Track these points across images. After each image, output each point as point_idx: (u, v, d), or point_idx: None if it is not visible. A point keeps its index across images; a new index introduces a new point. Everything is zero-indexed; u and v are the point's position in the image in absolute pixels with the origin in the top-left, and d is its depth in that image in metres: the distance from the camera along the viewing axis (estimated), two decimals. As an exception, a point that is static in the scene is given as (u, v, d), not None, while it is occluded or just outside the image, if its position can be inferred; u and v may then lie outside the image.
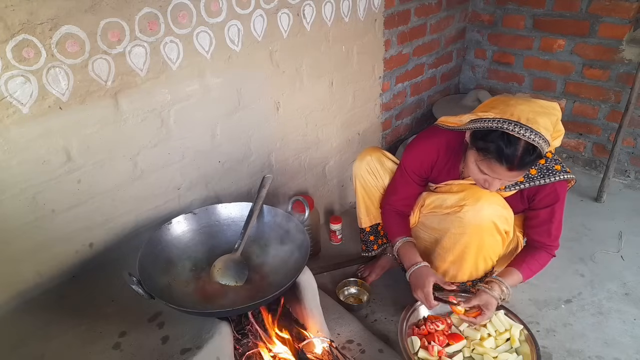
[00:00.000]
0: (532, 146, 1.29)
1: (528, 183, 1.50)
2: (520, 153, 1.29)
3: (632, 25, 2.33)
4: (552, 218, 1.54)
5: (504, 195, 1.56)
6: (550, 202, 1.52)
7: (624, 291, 1.91)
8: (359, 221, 1.92)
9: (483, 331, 1.57)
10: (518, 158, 1.30)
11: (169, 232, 1.47)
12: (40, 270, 1.36)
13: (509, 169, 1.32)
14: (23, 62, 1.14)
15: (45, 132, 1.24)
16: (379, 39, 2.18)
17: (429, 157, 1.62)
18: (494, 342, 1.55)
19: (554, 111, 1.39)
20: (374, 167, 1.77)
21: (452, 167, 1.61)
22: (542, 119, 1.31)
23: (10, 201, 1.24)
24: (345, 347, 1.57)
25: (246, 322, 1.40)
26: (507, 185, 1.52)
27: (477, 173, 1.41)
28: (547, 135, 1.30)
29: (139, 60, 1.36)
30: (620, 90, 2.46)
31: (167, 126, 1.51)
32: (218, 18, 1.51)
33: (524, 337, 1.56)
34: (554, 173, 1.48)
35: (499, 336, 1.57)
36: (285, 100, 1.87)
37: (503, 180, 1.39)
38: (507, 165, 1.31)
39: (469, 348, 1.55)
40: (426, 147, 1.63)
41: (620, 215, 2.35)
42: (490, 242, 1.58)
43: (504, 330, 1.58)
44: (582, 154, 2.74)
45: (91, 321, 1.29)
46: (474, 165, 1.40)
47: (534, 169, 1.50)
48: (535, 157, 1.32)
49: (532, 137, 1.28)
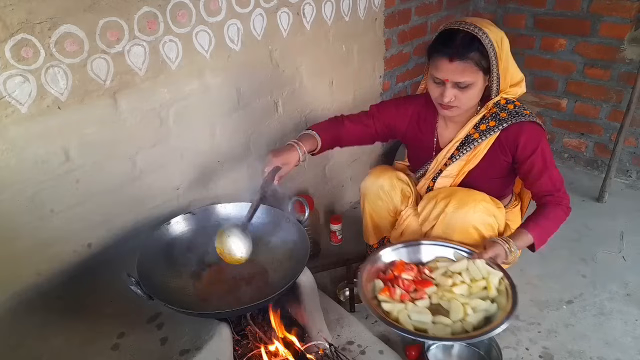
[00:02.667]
0: (472, 36, 1.35)
1: (501, 125, 1.48)
2: (459, 41, 1.35)
3: (633, 24, 2.32)
4: (545, 163, 1.48)
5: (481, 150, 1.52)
6: (534, 146, 1.47)
7: (625, 292, 1.90)
8: (365, 238, 1.91)
9: (456, 278, 1.41)
10: (456, 46, 1.35)
11: (168, 233, 1.46)
12: (38, 270, 1.36)
13: (450, 60, 1.35)
14: (22, 61, 1.14)
15: (44, 131, 1.24)
16: (379, 38, 2.18)
17: (406, 109, 1.66)
18: (466, 290, 1.39)
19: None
20: (384, 193, 1.70)
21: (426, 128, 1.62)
22: (489, 26, 1.39)
23: (8, 201, 1.24)
24: (346, 349, 1.56)
25: (246, 323, 1.39)
26: (481, 133, 1.50)
27: (433, 88, 1.45)
28: (492, 36, 1.35)
29: (138, 60, 1.35)
30: (621, 89, 2.45)
31: (166, 126, 1.50)
32: (217, 17, 1.50)
33: (503, 288, 1.38)
34: (524, 115, 1.47)
35: (474, 284, 1.39)
36: (285, 100, 1.86)
37: (456, 90, 1.39)
38: (447, 56, 1.35)
39: (438, 295, 1.38)
40: (405, 100, 1.73)
41: (621, 216, 2.34)
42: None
43: (480, 278, 1.40)
44: (584, 153, 2.73)
45: (90, 322, 1.28)
46: (430, 81, 1.45)
47: (504, 113, 1.47)
48: (476, 49, 1.35)
49: (472, 28, 1.35)
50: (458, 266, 1.44)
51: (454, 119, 1.56)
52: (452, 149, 1.57)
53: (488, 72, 1.42)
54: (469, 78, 1.38)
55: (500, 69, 1.41)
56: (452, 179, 1.60)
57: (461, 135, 1.55)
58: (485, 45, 1.35)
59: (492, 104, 1.49)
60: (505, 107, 1.49)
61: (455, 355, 1.62)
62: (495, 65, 1.39)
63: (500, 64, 1.40)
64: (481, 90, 1.45)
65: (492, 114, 1.50)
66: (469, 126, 1.53)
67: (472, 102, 1.47)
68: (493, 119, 1.49)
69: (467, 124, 1.53)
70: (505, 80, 1.45)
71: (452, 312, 1.32)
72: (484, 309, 1.33)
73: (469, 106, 1.47)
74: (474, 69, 1.38)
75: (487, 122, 1.50)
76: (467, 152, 1.55)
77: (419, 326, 1.30)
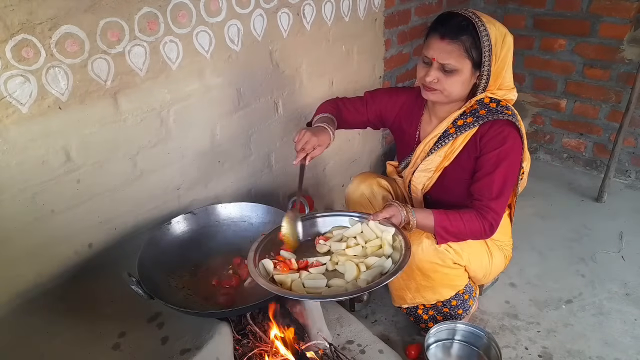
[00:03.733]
0: (469, 22, 1.34)
1: (477, 122, 1.42)
2: (454, 22, 1.34)
3: (632, 25, 2.33)
4: (496, 169, 1.38)
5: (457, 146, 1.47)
6: (497, 145, 1.39)
7: (624, 291, 1.90)
8: None
9: (350, 242, 1.37)
10: (449, 26, 1.34)
11: (169, 233, 1.47)
12: (39, 270, 1.36)
13: (441, 38, 1.34)
14: (22, 61, 1.14)
15: (44, 132, 1.24)
16: (379, 39, 2.18)
17: (397, 98, 1.65)
18: (361, 251, 1.33)
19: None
20: (365, 201, 1.70)
21: (412, 120, 1.61)
22: (493, 21, 1.37)
23: (9, 201, 1.24)
24: (345, 348, 1.56)
25: (246, 323, 1.40)
26: (457, 128, 1.45)
27: (420, 69, 1.43)
28: (491, 30, 1.34)
29: (138, 60, 1.36)
30: (621, 90, 2.45)
31: (167, 126, 1.51)
32: (218, 17, 1.51)
33: (398, 244, 1.31)
34: (503, 114, 1.40)
35: (369, 244, 1.34)
36: (285, 100, 1.86)
37: (440, 73, 1.36)
38: (439, 34, 1.34)
39: (333, 261, 1.32)
40: (398, 90, 1.72)
41: (621, 216, 2.35)
42: (440, 277, 1.53)
43: (374, 237, 1.35)
44: (583, 154, 2.73)
45: (91, 321, 1.29)
46: (420, 61, 1.44)
47: (484, 110, 1.41)
48: (469, 33, 1.33)
49: (472, 16, 1.34)
50: (352, 231, 1.39)
51: (437, 113, 1.53)
52: (431, 143, 1.53)
53: (478, 67, 1.37)
54: (455, 62, 1.34)
55: (493, 69, 1.37)
56: (430, 174, 1.55)
57: (439, 129, 1.50)
58: (479, 35, 1.33)
59: (474, 100, 1.44)
60: (487, 105, 1.43)
61: (455, 354, 1.62)
62: (488, 61, 1.35)
63: (495, 62, 1.36)
64: (467, 83, 1.40)
65: (471, 111, 1.44)
66: (448, 121, 1.48)
67: (455, 91, 1.40)
68: (472, 115, 1.44)
69: (447, 118, 1.49)
70: (495, 82, 1.41)
71: (347, 272, 1.26)
72: (379, 265, 1.26)
73: (452, 94, 1.41)
74: (462, 55, 1.34)
75: (464, 117, 1.45)
76: (442, 146, 1.49)
77: (313, 292, 1.23)
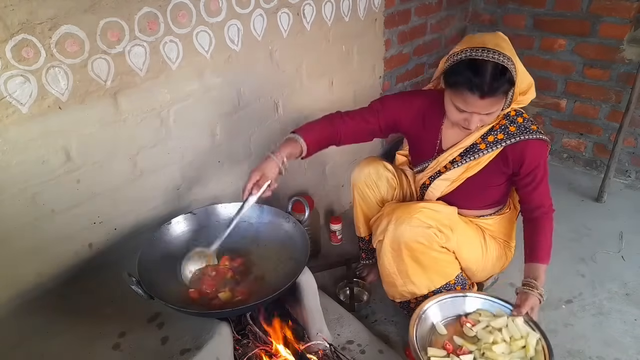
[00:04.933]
0: (501, 68, 1.29)
1: (509, 140, 1.46)
2: (489, 77, 1.28)
3: (632, 25, 2.32)
4: (543, 177, 1.50)
5: (484, 160, 1.51)
6: (537, 163, 1.48)
7: (624, 291, 1.90)
8: (357, 230, 1.90)
9: (496, 335, 1.47)
10: (488, 83, 1.28)
11: (169, 233, 1.46)
12: (39, 270, 1.36)
13: (481, 97, 1.30)
14: (22, 61, 1.14)
15: (44, 132, 1.24)
16: (379, 39, 2.18)
17: (411, 103, 1.61)
18: (506, 348, 1.45)
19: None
20: (371, 181, 1.73)
21: (431, 126, 1.59)
22: (507, 45, 1.34)
23: (9, 201, 1.24)
24: (345, 348, 1.56)
25: (246, 323, 1.40)
26: (488, 144, 1.50)
27: (455, 113, 1.40)
28: (514, 59, 1.31)
29: (138, 60, 1.36)
30: (621, 90, 2.45)
31: (167, 126, 1.51)
32: (218, 17, 1.51)
33: (540, 348, 1.44)
34: (532, 132, 1.46)
35: (513, 342, 1.46)
36: (285, 100, 1.86)
37: (481, 116, 1.36)
38: (479, 93, 1.29)
39: (479, 350, 1.45)
40: (410, 95, 1.70)
41: (621, 216, 2.34)
42: (429, 261, 1.53)
43: (519, 337, 1.47)
44: (583, 154, 2.73)
45: (91, 321, 1.29)
46: (450, 105, 1.39)
47: (513, 127, 1.47)
48: (506, 81, 1.31)
49: (500, 58, 1.29)
50: (498, 322, 1.50)
51: None
52: (455, 154, 1.55)
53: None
54: (498, 107, 1.37)
55: (517, 81, 1.37)
56: (450, 182, 1.59)
57: (467, 142, 1.52)
58: (512, 73, 1.31)
59: (502, 115, 1.47)
60: (514, 119, 1.47)
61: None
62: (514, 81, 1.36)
63: (517, 77, 1.36)
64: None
65: (500, 126, 1.48)
66: (477, 135, 1.50)
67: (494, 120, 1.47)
68: (502, 131, 1.48)
69: (475, 132, 1.49)
70: (519, 89, 1.41)
71: None
72: None
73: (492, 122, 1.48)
74: (503, 98, 1.36)
75: (495, 134, 1.49)
76: (470, 160, 1.53)
77: None
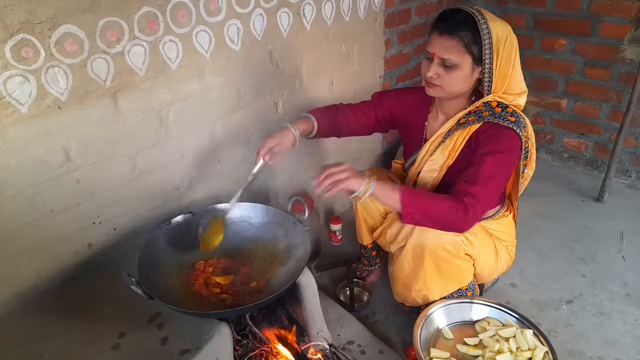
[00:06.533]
0: (468, 17, 1.33)
1: (477, 121, 1.42)
2: (454, 17, 1.34)
3: (633, 24, 2.32)
4: (483, 161, 1.35)
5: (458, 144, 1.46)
6: (491, 142, 1.38)
7: (625, 292, 1.90)
8: (359, 238, 1.89)
9: (503, 344, 1.48)
10: (449, 22, 1.34)
11: (169, 233, 1.46)
12: (39, 270, 1.36)
13: (440, 34, 1.35)
14: (22, 61, 1.14)
15: (44, 132, 1.24)
16: (379, 38, 2.18)
17: (405, 97, 1.66)
18: (511, 359, 1.45)
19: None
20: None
21: (419, 117, 1.62)
22: (502, 27, 1.36)
23: (8, 201, 1.24)
24: (346, 348, 1.56)
25: (245, 323, 1.39)
26: (459, 125, 1.46)
27: (423, 65, 1.44)
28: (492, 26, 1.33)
29: (138, 60, 1.35)
30: (621, 89, 2.45)
31: (167, 126, 1.50)
32: (217, 17, 1.50)
33: None
34: (506, 120, 1.38)
35: (520, 354, 1.46)
36: (285, 100, 1.86)
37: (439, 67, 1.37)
38: (439, 29, 1.35)
39: (483, 357, 1.47)
40: (406, 89, 1.76)
41: (621, 216, 2.34)
42: (450, 269, 1.52)
43: (526, 348, 1.47)
44: (584, 153, 2.73)
45: (90, 322, 1.28)
46: (423, 58, 1.45)
47: (488, 112, 1.40)
48: (469, 29, 1.33)
49: (472, 11, 1.34)
50: (507, 332, 1.51)
51: (443, 109, 1.54)
52: (436, 142, 1.54)
53: (480, 63, 1.37)
54: (454, 57, 1.34)
55: (496, 67, 1.36)
56: (436, 174, 1.55)
57: (444, 128, 1.51)
58: (479, 30, 1.32)
59: (481, 102, 1.44)
60: (492, 108, 1.42)
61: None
62: (489, 57, 1.35)
63: (497, 61, 1.35)
64: (468, 79, 1.40)
65: (476, 111, 1.45)
66: (453, 120, 1.49)
67: (456, 86, 1.41)
68: (475, 115, 1.44)
69: (453, 117, 1.49)
70: (502, 83, 1.40)
71: None
72: None
73: (452, 90, 1.42)
74: (461, 49, 1.34)
75: (468, 116, 1.46)
76: (444, 143, 1.50)
77: None
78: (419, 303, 1.61)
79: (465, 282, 1.60)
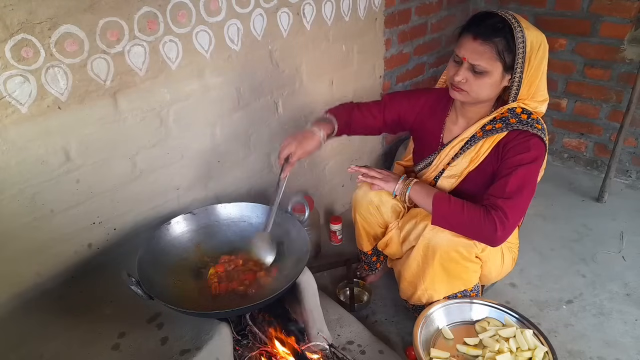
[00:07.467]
0: (505, 24, 1.30)
1: (506, 129, 1.39)
2: (489, 22, 1.30)
3: (633, 24, 2.32)
4: (513, 172, 1.34)
5: (482, 151, 1.44)
6: (520, 151, 1.36)
7: (625, 292, 1.90)
8: (359, 245, 1.88)
9: (503, 344, 1.48)
10: (486, 25, 1.30)
11: (168, 233, 1.46)
12: (39, 270, 1.36)
13: (474, 38, 1.30)
14: (22, 61, 1.14)
15: (44, 132, 1.24)
16: (379, 38, 2.18)
17: (417, 100, 1.63)
18: (511, 359, 1.45)
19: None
20: (373, 208, 1.68)
21: (435, 120, 1.59)
22: (536, 35, 1.33)
23: (8, 201, 1.24)
24: (346, 348, 1.56)
25: (246, 323, 1.39)
26: (485, 133, 1.43)
27: (451, 67, 1.40)
28: (528, 34, 1.30)
29: (138, 60, 1.35)
30: (621, 89, 2.45)
31: (166, 126, 1.50)
32: (217, 17, 1.50)
33: None
34: (533, 127, 1.37)
35: (519, 354, 1.46)
36: (285, 100, 1.86)
37: (469, 73, 1.34)
38: (473, 34, 1.31)
39: (483, 357, 1.47)
40: (417, 91, 1.73)
41: (621, 216, 2.34)
42: (459, 270, 1.51)
43: (526, 349, 1.47)
44: (584, 153, 2.73)
45: (90, 322, 1.28)
46: (451, 60, 1.40)
47: (515, 119, 1.38)
48: (504, 36, 1.29)
49: (509, 18, 1.31)
50: (507, 332, 1.51)
51: (465, 113, 1.49)
52: (457, 147, 1.50)
53: (509, 70, 1.34)
54: (486, 64, 1.31)
55: (526, 75, 1.33)
56: (455, 179, 1.53)
57: (467, 133, 1.47)
58: (515, 38, 1.29)
59: (506, 108, 1.41)
60: (518, 115, 1.39)
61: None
62: (521, 66, 1.32)
63: (528, 69, 1.32)
64: (496, 86, 1.37)
65: (502, 117, 1.41)
66: (477, 126, 1.45)
67: (483, 93, 1.38)
68: (502, 122, 1.41)
69: (477, 123, 1.45)
70: (529, 91, 1.37)
71: None
72: None
73: (479, 96, 1.38)
74: (494, 56, 1.30)
75: (494, 123, 1.42)
76: (468, 149, 1.47)
77: None
78: (423, 302, 1.61)
79: (471, 283, 1.60)
